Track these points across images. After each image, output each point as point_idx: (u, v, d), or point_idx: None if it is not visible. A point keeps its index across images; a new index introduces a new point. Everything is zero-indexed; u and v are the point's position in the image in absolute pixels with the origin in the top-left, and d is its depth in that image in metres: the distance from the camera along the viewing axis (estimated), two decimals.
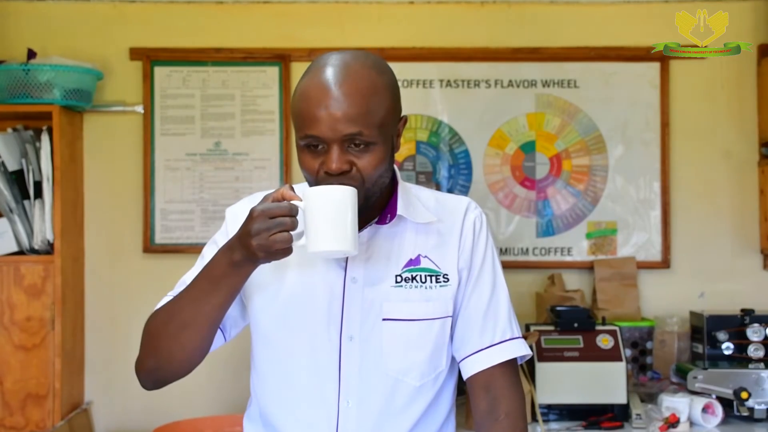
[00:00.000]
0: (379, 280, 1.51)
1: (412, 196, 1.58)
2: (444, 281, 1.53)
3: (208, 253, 1.57)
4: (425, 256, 1.53)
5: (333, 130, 1.41)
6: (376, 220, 1.53)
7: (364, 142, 1.43)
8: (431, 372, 1.53)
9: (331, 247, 1.37)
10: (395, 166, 1.57)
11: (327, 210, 1.37)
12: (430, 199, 1.60)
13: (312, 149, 1.45)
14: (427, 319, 1.52)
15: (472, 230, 1.58)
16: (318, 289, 1.51)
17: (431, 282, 1.52)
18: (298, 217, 1.37)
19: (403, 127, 1.55)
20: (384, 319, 1.49)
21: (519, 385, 1.60)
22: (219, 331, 1.55)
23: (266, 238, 1.34)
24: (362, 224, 1.51)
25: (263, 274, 1.51)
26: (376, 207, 1.53)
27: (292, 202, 1.37)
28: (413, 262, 1.53)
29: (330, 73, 1.43)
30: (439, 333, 1.53)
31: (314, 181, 1.47)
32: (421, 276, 1.52)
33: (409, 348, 1.50)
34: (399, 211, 1.53)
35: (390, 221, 1.53)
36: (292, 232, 1.35)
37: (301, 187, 1.52)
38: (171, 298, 1.55)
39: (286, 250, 1.36)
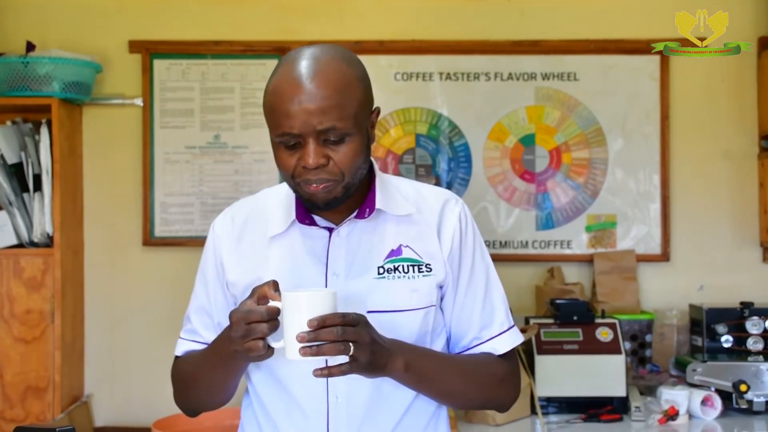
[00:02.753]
0: (361, 273, 1.50)
1: (392, 188, 1.58)
2: (427, 271, 1.53)
3: (198, 285, 1.62)
4: (407, 246, 1.53)
5: (307, 124, 1.41)
6: (354, 214, 1.53)
7: (339, 134, 1.42)
8: None
9: (311, 360, 1.35)
10: (372, 159, 1.57)
11: (305, 318, 1.33)
12: (410, 190, 1.60)
13: (287, 146, 1.45)
14: (411, 309, 1.52)
15: (459, 227, 1.57)
16: (299, 286, 1.50)
17: (414, 272, 1.52)
18: (280, 317, 1.37)
19: (376, 118, 1.54)
20: (368, 312, 1.48)
21: (519, 372, 1.64)
22: None
23: (242, 345, 1.36)
24: (340, 219, 1.53)
25: (244, 272, 1.53)
26: (354, 200, 1.53)
27: (270, 304, 1.36)
28: (395, 253, 1.53)
29: (300, 67, 1.42)
30: (423, 322, 1.53)
31: (291, 177, 1.46)
32: (403, 266, 1.52)
33: (394, 338, 1.50)
34: (378, 205, 1.53)
35: (369, 215, 1.53)
36: (269, 336, 1.36)
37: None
38: (183, 342, 1.62)
39: (264, 355, 1.37)
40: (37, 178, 3.03)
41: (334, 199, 1.46)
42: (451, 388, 1.53)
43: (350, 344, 1.33)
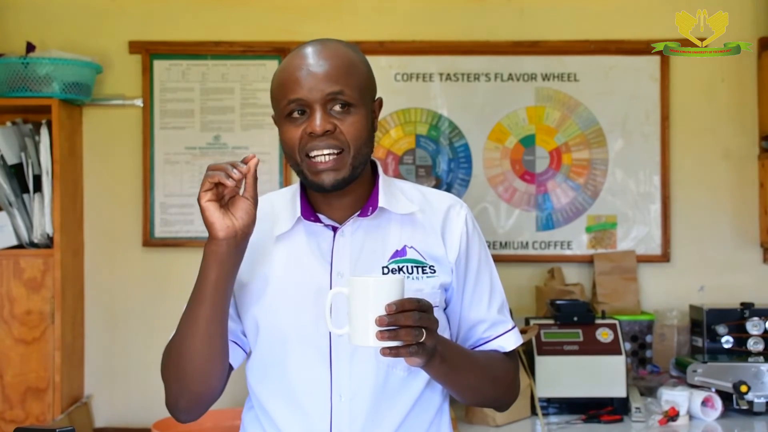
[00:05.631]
0: (365, 273, 1.51)
1: (395, 188, 1.59)
2: (431, 272, 1.54)
3: None
4: (411, 247, 1.54)
5: (315, 90, 1.45)
6: (358, 213, 1.54)
7: (346, 102, 1.46)
8: None
9: (381, 344, 1.33)
10: (376, 159, 1.58)
11: (376, 303, 1.31)
12: (414, 192, 1.61)
13: (294, 119, 1.47)
14: None
15: (466, 231, 1.58)
16: (304, 285, 1.51)
17: (418, 273, 1.53)
18: (344, 303, 1.36)
19: (379, 108, 1.57)
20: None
21: (519, 373, 1.66)
22: (236, 345, 1.55)
23: (209, 180, 1.38)
24: (344, 217, 1.54)
25: (248, 273, 1.53)
26: (358, 199, 1.54)
27: (336, 288, 1.39)
28: (399, 253, 1.53)
29: (307, 48, 1.50)
30: None
31: (298, 151, 1.47)
32: (407, 267, 1.53)
33: None
34: (380, 203, 1.53)
35: (372, 213, 1.53)
36: (329, 317, 1.37)
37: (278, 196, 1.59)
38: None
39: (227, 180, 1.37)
40: (37, 179, 3.03)
41: (342, 179, 1.47)
42: (471, 383, 1.54)
43: (423, 330, 1.33)
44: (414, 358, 1.36)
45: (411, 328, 1.31)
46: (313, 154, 1.46)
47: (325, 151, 1.45)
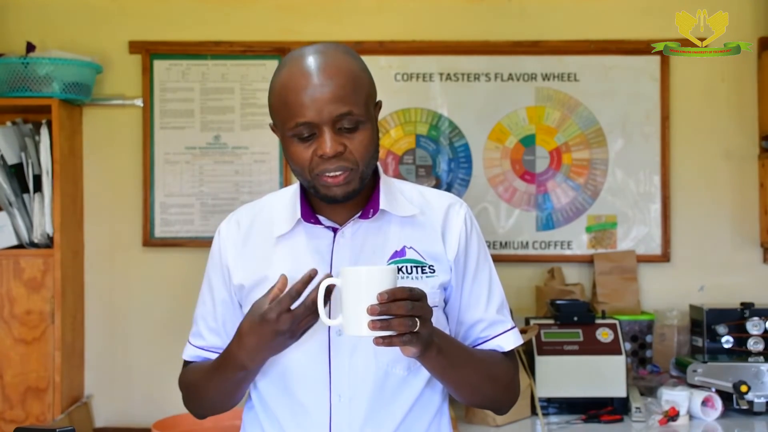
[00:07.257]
0: None
1: (395, 190, 1.59)
2: (430, 272, 1.53)
3: (204, 288, 1.63)
4: (410, 248, 1.54)
5: (324, 112, 1.42)
6: (358, 214, 1.54)
7: (354, 121, 1.45)
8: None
9: (374, 333, 1.33)
10: (377, 162, 1.58)
11: (368, 293, 1.31)
12: (414, 193, 1.61)
13: (301, 139, 1.46)
14: None
15: (465, 230, 1.58)
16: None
17: (417, 273, 1.53)
18: (334, 295, 1.37)
19: (378, 112, 1.56)
20: None
21: (518, 375, 1.64)
22: None
23: (297, 326, 1.41)
24: (345, 219, 1.54)
25: (250, 273, 1.54)
26: (359, 201, 1.54)
27: (328, 280, 1.38)
28: (399, 254, 1.53)
29: (308, 61, 1.45)
30: None
31: (307, 172, 1.47)
32: (407, 267, 1.53)
33: None
34: (381, 206, 1.53)
35: (373, 216, 1.53)
36: (322, 308, 1.38)
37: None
38: (190, 348, 1.65)
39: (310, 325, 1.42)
40: (37, 179, 3.03)
41: (353, 191, 1.48)
42: (469, 379, 1.53)
43: (416, 319, 1.33)
44: (409, 348, 1.36)
45: (404, 317, 1.31)
46: (323, 175, 1.46)
47: (337, 172, 1.45)
